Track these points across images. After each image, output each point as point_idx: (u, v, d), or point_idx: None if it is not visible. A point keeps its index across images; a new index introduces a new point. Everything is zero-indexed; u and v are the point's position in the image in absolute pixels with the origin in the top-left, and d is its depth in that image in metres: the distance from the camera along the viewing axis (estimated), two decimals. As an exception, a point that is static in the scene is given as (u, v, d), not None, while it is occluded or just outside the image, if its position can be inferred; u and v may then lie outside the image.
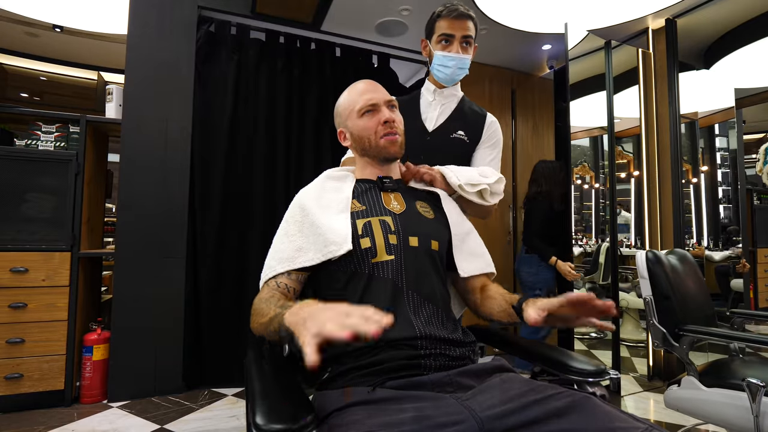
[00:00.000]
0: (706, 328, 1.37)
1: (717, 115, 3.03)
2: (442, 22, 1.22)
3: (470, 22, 1.22)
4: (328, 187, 0.96)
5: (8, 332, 1.88)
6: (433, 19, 1.25)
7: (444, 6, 1.23)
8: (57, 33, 3.08)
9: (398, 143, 0.96)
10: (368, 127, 0.95)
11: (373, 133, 0.95)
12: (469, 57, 1.24)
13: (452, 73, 1.24)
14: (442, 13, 1.22)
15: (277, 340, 0.74)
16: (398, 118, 0.98)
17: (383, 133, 0.95)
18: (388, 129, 0.95)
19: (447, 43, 1.22)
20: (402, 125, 0.99)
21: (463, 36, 1.21)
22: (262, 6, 2.44)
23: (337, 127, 1.04)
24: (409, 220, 0.91)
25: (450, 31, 1.21)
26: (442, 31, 1.22)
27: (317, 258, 0.83)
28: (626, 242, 2.68)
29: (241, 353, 2.23)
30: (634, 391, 2.24)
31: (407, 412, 0.64)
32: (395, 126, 0.96)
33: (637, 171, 2.62)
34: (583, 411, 0.63)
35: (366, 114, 0.96)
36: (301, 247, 0.86)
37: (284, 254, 0.86)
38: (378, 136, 0.95)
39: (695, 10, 2.40)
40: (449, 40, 1.22)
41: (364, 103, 0.96)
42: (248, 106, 2.49)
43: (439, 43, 1.23)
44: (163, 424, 1.82)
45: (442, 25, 1.22)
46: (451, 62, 1.22)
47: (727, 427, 1.27)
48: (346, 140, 1.02)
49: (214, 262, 2.34)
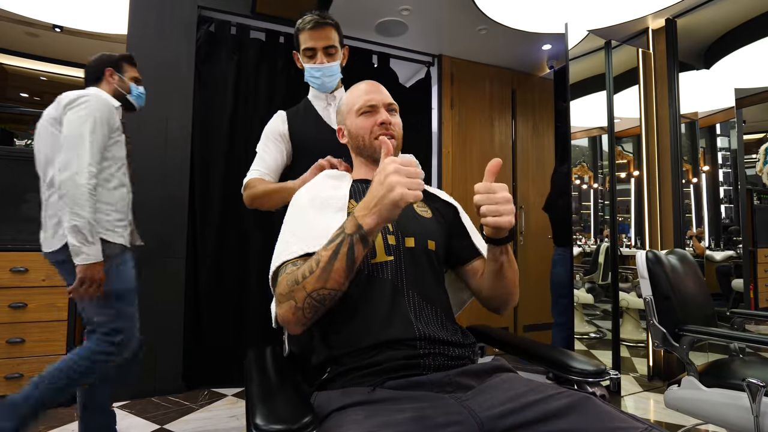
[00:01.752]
0: (706, 328, 1.37)
1: (718, 115, 3.03)
2: (303, 35, 1.29)
3: (330, 29, 1.29)
4: (326, 185, 0.96)
5: (8, 332, 1.88)
6: (296, 34, 1.31)
7: (302, 18, 1.29)
8: (57, 33, 3.08)
9: (393, 144, 0.96)
10: (364, 127, 0.96)
11: (369, 132, 0.95)
12: (336, 63, 1.32)
13: (324, 82, 1.33)
14: (301, 27, 1.28)
15: (353, 261, 0.70)
16: (397, 121, 0.98)
17: (378, 133, 0.95)
18: (384, 130, 0.95)
19: (312, 56, 1.30)
20: (399, 129, 0.99)
21: (324, 47, 1.28)
22: (262, 6, 2.44)
23: (337, 124, 1.05)
24: (406, 221, 0.91)
25: (311, 44, 1.28)
26: (305, 45, 1.29)
27: (302, 249, 0.80)
28: (626, 242, 2.68)
29: (241, 353, 2.23)
30: (634, 391, 2.24)
31: (407, 412, 0.64)
32: (391, 128, 0.96)
33: (637, 171, 2.62)
34: (583, 411, 0.63)
35: (364, 114, 0.96)
36: (287, 242, 0.84)
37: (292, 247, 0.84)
38: (372, 136, 0.95)
39: (695, 10, 2.40)
40: (313, 52, 1.29)
41: (363, 103, 0.96)
42: (248, 106, 2.49)
43: (305, 57, 1.31)
44: (163, 424, 1.82)
45: (304, 38, 1.29)
46: (318, 72, 1.30)
47: (727, 427, 1.27)
48: (343, 137, 1.03)
49: (214, 262, 2.34)
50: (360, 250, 0.70)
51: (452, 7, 2.49)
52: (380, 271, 0.83)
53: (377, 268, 0.83)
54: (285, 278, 0.76)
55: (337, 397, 0.71)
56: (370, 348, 0.76)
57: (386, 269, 0.83)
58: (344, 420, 0.63)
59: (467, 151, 3.12)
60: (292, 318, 0.73)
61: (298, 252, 0.80)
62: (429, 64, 3.11)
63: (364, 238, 0.69)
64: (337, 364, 0.77)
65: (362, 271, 0.83)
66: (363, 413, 0.64)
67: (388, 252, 0.85)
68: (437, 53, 3.09)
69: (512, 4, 2.41)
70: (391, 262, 0.84)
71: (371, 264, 0.83)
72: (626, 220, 2.71)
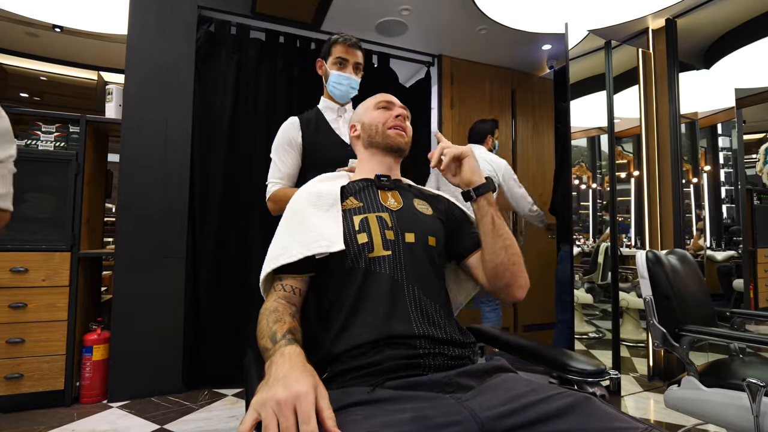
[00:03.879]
0: (706, 328, 1.37)
1: (718, 115, 3.03)
2: (338, 47, 1.44)
3: (360, 52, 1.48)
4: (320, 185, 0.96)
5: (8, 332, 1.88)
6: (331, 44, 1.46)
7: (339, 34, 1.47)
8: (57, 33, 3.08)
9: (405, 138, 1.02)
10: (380, 117, 1.03)
11: (383, 122, 1.02)
12: (359, 80, 1.49)
13: (346, 91, 1.47)
14: (339, 40, 1.44)
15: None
16: (408, 126, 1.05)
17: (392, 124, 1.01)
18: (399, 122, 1.02)
19: (342, 66, 1.45)
20: (410, 132, 1.05)
21: (355, 62, 1.47)
22: (262, 6, 2.44)
23: (351, 122, 1.10)
24: (406, 217, 0.91)
25: (345, 56, 1.44)
26: (339, 55, 1.44)
27: (303, 252, 0.81)
28: (626, 242, 2.68)
29: (241, 353, 2.23)
30: (634, 391, 2.24)
31: (406, 412, 0.64)
32: (406, 124, 1.03)
33: (637, 171, 2.62)
34: (583, 411, 0.63)
35: (381, 108, 1.04)
36: (285, 246, 0.84)
37: (274, 252, 0.85)
38: (387, 126, 1.01)
39: (695, 10, 2.40)
40: (344, 63, 1.45)
41: (381, 99, 1.05)
42: (248, 106, 2.49)
43: (335, 65, 1.45)
44: (163, 424, 1.82)
45: (338, 49, 1.44)
46: (345, 81, 1.46)
47: (727, 427, 1.27)
48: (355, 131, 1.07)
49: (214, 263, 2.34)
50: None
51: (452, 7, 2.49)
52: (378, 265, 0.83)
53: (375, 263, 0.83)
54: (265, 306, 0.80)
55: (336, 397, 0.71)
56: (369, 345, 0.76)
57: (384, 263, 0.83)
58: (344, 420, 0.63)
59: (467, 151, 3.12)
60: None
61: (297, 255, 0.81)
62: (429, 64, 3.11)
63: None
64: (336, 361, 0.77)
65: (359, 266, 0.83)
66: (363, 413, 0.64)
67: (386, 247, 0.85)
68: (437, 53, 3.09)
69: (512, 4, 2.41)
70: (389, 257, 0.84)
71: (368, 258, 0.83)
72: (626, 220, 2.71)
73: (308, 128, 1.44)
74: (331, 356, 0.78)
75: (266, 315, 0.78)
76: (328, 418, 0.56)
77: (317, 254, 0.81)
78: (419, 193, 1.04)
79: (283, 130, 1.46)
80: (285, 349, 0.66)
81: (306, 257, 0.81)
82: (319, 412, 0.56)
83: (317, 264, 0.84)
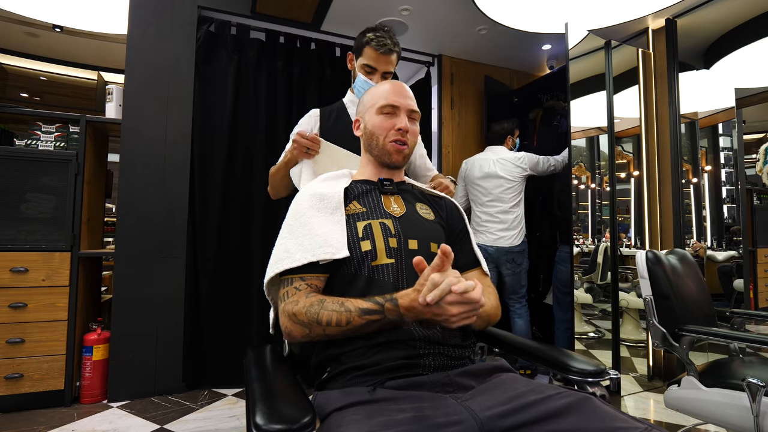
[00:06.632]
0: (705, 328, 1.37)
1: (718, 115, 3.03)
2: (370, 51, 1.35)
3: (395, 55, 1.38)
4: (322, 186, 0.96)
5: (8, 332, 1.88)
6: (363, 43, 1.36)
7: (375, 35, 1.35)
8: (57, 33, 3.08)
9: (404, 153, 0.97)
10: (382, 127, 0.96)
11: (384, 134, 0.96)
12: None
13: None
14: (371, 43, 1.34)
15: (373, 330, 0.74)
16: (414, 129, 0.99)
17: (393, 138, 0.95)
18: (399, 136, 0.95)
19: (369, 73, 1.37)
20: (415, 138, 1.00)
21: (384, 72, 1.37)
22: (262, 6, 2.44)
23: (356, 114, 1.05)
24: (409, 223, 0.91)
25: (374, 65, 1.35)
26: (367, 62, 1.35)
27: (308, 258, 0.81)
28: (626, 242, 2.68)
29: (241, 353, 2.23)
30: (634, 391, 2.24)
31: (406, 412, 0.64)
32: (407, 137, 0.96)
33: (637, 171, 2.62)
34: (583, 411, 0.63)
35: (385, 114, 0.97)
36: (288, 249, 0.84)
37: (278, 255, 0.85)
38: (387, 140, 0.96)
39: (695, 10, 2.40)
40: (372, 72, 1.37)
41: (386, 102, 0.97)
42: (248, 106, 2.49)
43: (363, 69, 1.37)
44: (163, 424, 1.82)
45: (369, 54, 1.35)
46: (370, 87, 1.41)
47: (727, 427, 1.27)
48: (359, 129, 1.03)
49: (214, 262, 2.34)
50: (389, 326, 0.74)
51: (452, 7, 2.49)
52: (381, 273, 0.83)
53: (378, 271, 0.83)
54: (302, 302, 0.77)
55: (337, 396, 0.71)
56: (369, 346, 0.76)
57: (387, 272, 0.83)
58: (344, 420, 0.63)
59: (467, 151, 3.12)
60: (299, 338, 0.77)
61: (302, 261, 0.81)
62: (429, 64, 3.11)
63: (399, 323, 0.74)
64: (336, 363, 0.77)
65: (362, 273, 0.83)
66: (363, 413, 0.64)
67: (390, 255, 0.85)
68: (437, 53, 3.09)
69: (512, 4, 2.41)
70: (391, 265, 0.84)
71: (372, 266, 0.83)
72: (626, 220, 2.71)
73: (328, 120, 1.43)
74: (332, 356, 0.78)
75: (319, 305, 0.75)
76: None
77: (322, 260, 0.81)
78: (421, 195, 1.03)
79: (302, 120, 1.45)
80: (398, 301, 0.70)
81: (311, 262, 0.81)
82: None
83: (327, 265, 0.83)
